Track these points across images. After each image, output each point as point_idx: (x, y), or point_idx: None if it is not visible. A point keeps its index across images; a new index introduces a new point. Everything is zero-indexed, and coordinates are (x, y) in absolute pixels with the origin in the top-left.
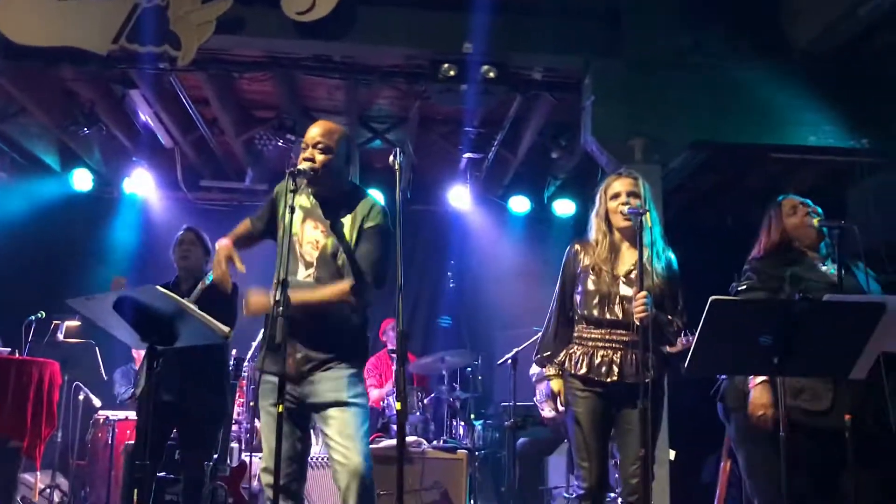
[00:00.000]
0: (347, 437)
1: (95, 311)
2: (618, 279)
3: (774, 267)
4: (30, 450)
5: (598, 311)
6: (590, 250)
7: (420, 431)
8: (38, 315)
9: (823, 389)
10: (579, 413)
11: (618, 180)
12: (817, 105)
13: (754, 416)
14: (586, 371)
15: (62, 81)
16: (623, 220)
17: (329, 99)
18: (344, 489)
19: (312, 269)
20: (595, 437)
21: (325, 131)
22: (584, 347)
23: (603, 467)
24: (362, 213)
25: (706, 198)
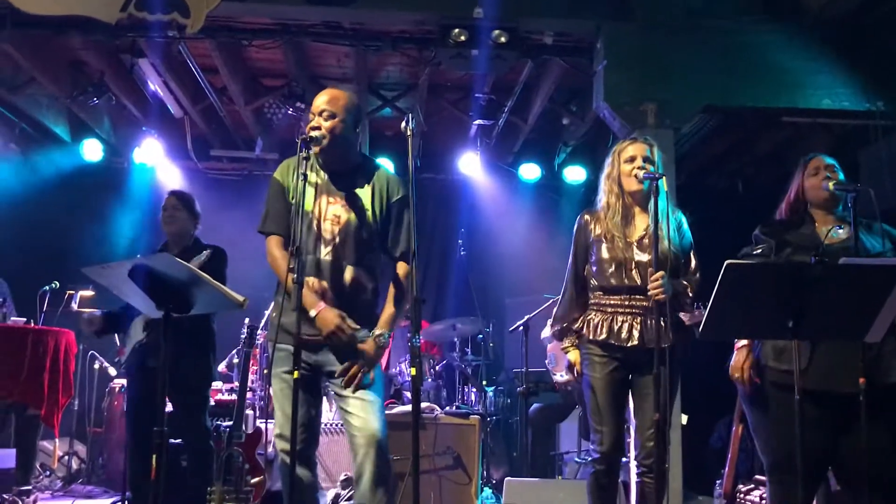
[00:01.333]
0: (366, 404)
1: (111, 280)
2: (632, 245)
3: (781, 232)
4: (47, 417)
5: (616, 279)
6: (600, 218)
7: (432, 398)
8: (53, 285)
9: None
10: (596, 378)
11: (633, 144)
12: (831, 67)
13: (732, 377)
14: (606, 336)
15: (71, 51)
16: (636, 184)
17: (338, 66)
18: (362, 455)
19: (332, 246)
20: (611, 402)
21: (330, 98)
22: (604, 314)
23: (618, 432)
24: (382, 185)
25: (718, 162)
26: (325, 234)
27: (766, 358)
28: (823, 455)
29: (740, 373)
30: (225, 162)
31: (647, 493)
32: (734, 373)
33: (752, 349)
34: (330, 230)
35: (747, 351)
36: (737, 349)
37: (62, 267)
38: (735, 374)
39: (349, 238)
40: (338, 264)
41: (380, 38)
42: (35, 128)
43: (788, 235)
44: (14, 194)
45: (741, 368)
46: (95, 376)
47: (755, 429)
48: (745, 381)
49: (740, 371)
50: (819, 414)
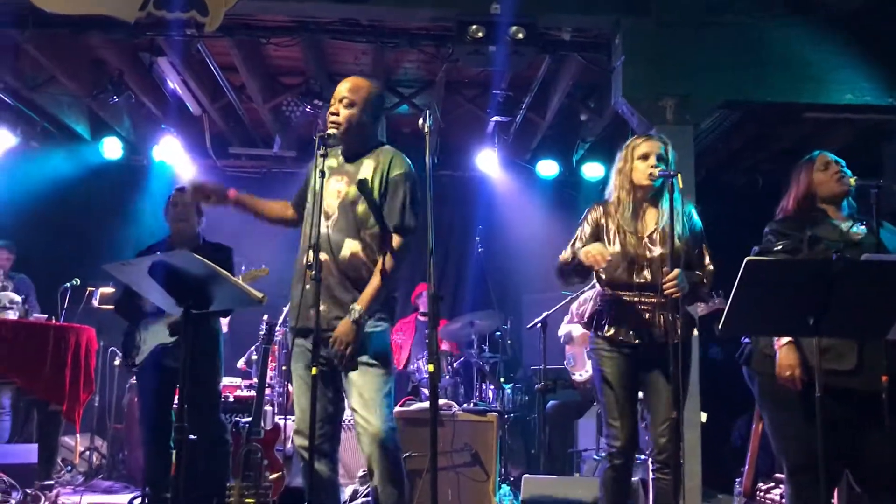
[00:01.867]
0: (366, 401)
1: (131, 276)
2: (643, 241)
3: (793, 228)
4: (69, 413)
5: (627, 275)
6: (611, 212)
7: (450, 394)
8: (74, 282)
9: (847, 349)
10: (608, 373)
11: (647, 141)
12: (854, 62)
13: (782, 378)
14: (614, 333)
15: (91, 50)
16: (648, 181)
17: (356, 63)
18: (368, 455)
19: (332, 219)
20: (624, 397)
21: (352, 86)
22: (615, 310)
23: (633, 427)
24: (384, 161)
25: (738, 158)
26: (327, 208)
27: (808, 356)
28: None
29: (791, 371)
30: (243, 159)
31: (662, 490)
32: (784, 372)
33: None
34: (329, 205)
35: (794, 348)
36: (779, 347)
37: (83, 264)
38: (786, 374)
39: (347, 211)
40: (337, 237)
41: (397, 35)
42: (56, 126)
43: (816, 231)
44: (35, 192)
45: (792, 367)
46: (116, 373)
47: (775, 430)
48: (797, 379)
49: (791, 370)
50: (852, 413)
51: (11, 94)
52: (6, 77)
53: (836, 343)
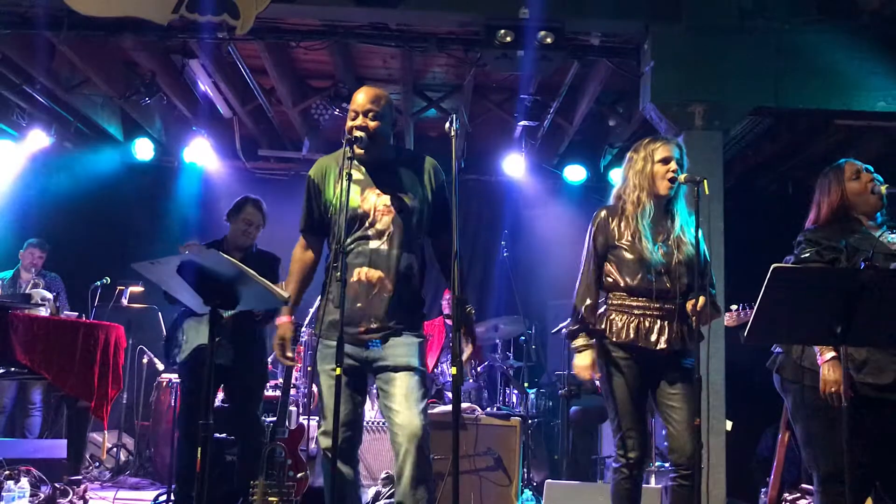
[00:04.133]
0: (411, 402)
1: (160, 275)
2: (659, 247)
3: (830, 238)
4: (97, 410)
5: (644, 281)
6: (620, 216)
7: (473, 399)
8: (104, 281)
9: (888, 362)
10: (621, 381)
11: (665, 145)
12: (887, 69)
13: (826, 394)
14: (633, 338)
15: (124, 52)
16: (666, 187)
17: (384, 67)
18: (402, 453)
19: (387, 236)
20: (636, 405)
21: (374, 97)
22: (629, 316)
23: (644, 434)
24: (428, 171)
25: (767, 165)
26: (379, 225)
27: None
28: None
29: (837, 387)
30: (272, 162)
31: (680, 498)
32: (829, 388)
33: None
34: (381, 220)
35: (838, 364)
36: (823, 362)
37: (113, 263)
38: (832, 389)
39: (402, 226)
40: (392, 252)
41: (426, 40)
42: (89, 127)
43: (852, 240)
44: (68, 192)
45: (838, 382)
46: (144, 371)
47: (808, 439)
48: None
49: (837, 385)
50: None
51: (46, 95)
52: (41, 78)
53: (875, 356)
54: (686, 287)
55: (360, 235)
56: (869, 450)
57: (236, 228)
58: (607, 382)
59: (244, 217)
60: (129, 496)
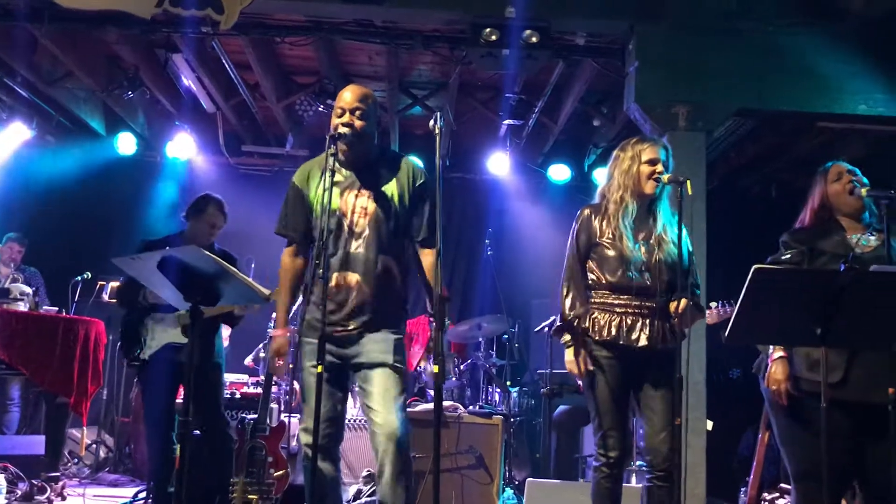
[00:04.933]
0: (388, 400)
1: (140, 271)
2: (640, 245)
3: (801, 240)
4: (76, 406)
5: (625, 279)
6: (604, 215)
7: (456, 397)
8: (84, 276)
9: (837, 361)
10: (603, 379)
11: (652, 146)
12: (868, 72)
13: (770, 391)
14: (615, 336)
15: (107, 45)
16: (652, 187)
17: (370, 64)
18: (381, 452)
19: (363, 239)
20: (618, 404)
21: (361, 96)
22: (611, 314)
23: (625, 433)
24: (405, 173)
25: (751, 166)
26: (356, 227)
27: (799, 369)
28: (850, 466)
29: (778, 385)
30: (256, 157)
31: (656, 498)
32: (772, 385)
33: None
34: (358, 223)
35: (784, 363)
36: (772, 360)
37: (94, 258)
38: (773, 387)
39: (378, 229)
40: (368, 255)
41: (411, 37)
42: (71, 121)
43: (821, 243)
44: (49, 186)
45: (779, 381)
46: (124, 366)
47: (781, 437)
48: (783, 393)
49: (778, 384)
50: (849, 424)
51: (28, 88)
52: (23, 71)
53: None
54: (667, 284)
55: (337, 237)
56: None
57: (198, 228)
58: (589, 381)
59: (207, 219)
60: (107, 493)
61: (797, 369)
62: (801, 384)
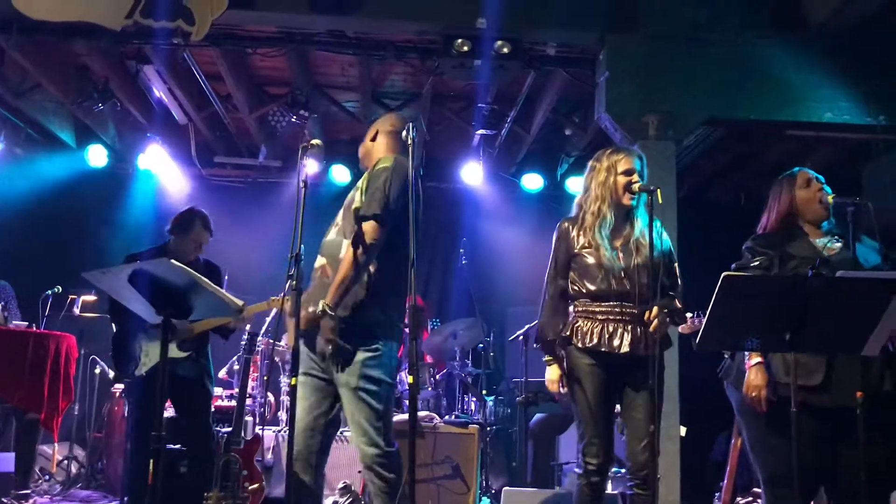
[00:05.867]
0: (355, 424)
1: (111, 285)
2: (618, 252)
3: (769, 245)
4: (47, 422)
5: (605, 285)
6: (582, 226)
7: (432, 406)
8: (55, 290)
9: (815, 365)
10: (587, 387)
11: (627, 157)
12: (834, 81)
13: (748, 397)
14: (597, 343)
15: (76, 57)
16: (629, 198)
17: (342, 75)
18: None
19: (337, 227)
20: (601, 411)
21: None
22: (593, 321)
23: (611, 443)
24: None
25: (721, 175)
26: (338, 218)
27: (777, 374)
28: (821, 470)
29: (758, 392)
30: (229, 169)
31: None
32: (751, 392)
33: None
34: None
35: (763, 369)
36: (749, 367)
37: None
38: (753, 394)
39: (348, 216)
40: (337, 240)
41: (383, 48)
42: (41, 133)
43: (789, 247)
44: (19, 199)
45: (759, 387)
46: (96, 381)
47: (752, 443)
48: (763, 399)
49: (758, 390)
50: (825, 429)
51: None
52: None
53: (806, 359)
54: (648, 289)
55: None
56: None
57: (183, 245)
58: (573, 389)
59: (193, 237)
60: None
61: (775, 374)
62: (778, 389)
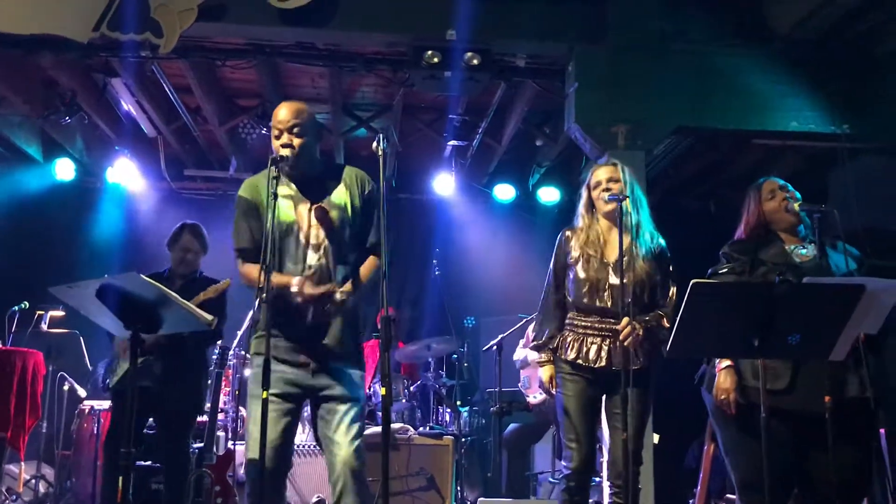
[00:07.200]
0: (349, 433)
1: (78, 299)
2: (607, 266)
3: (743, 251)
4: (13, 440)
5: (588, 299)
6: (580, 237)
7: (406, 418)
8: (22, 305)
9: (782, 369)
10: (568, 396)
11: (599, 169)
12: (799, 90)
13: (717, 400)
14: (575, 356)
15: (42, 70)
16: (606, 206)
17: (313, 87)
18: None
19: (322, 250)
20: (582, 420)
21: (296, 112)
22: (575, 334)
23: (590, 449)
24: (352, 181)
25: (690, 183)
26: (313, 239)
27: (745, 377)
28: (793, 474)
29: (727, 395)
30: (199, 182)
31: None
32: (720, 395)
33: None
34: (316, 235)
35: (732, 372)
36: (719, 370)
37: (33, 287)
38: (721, 397)
39: (335, 239)
40: (327, 267)
41: (353, 59)
42: (7, 147)
43: (761, 254)
44: None
45: (728, 390)
46: (65, 398)
47: (726, 446)
48: (732, 402)
49: (727, 393)
50: (793, 432)
51: None
52: None
53: (772, 364)
54: (630, 305)
55: (295, 250)
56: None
57: (175, 257)
58: (557, 398)
59: (181, 245)
60: None
61: (743, 378)
62: (747, 392)
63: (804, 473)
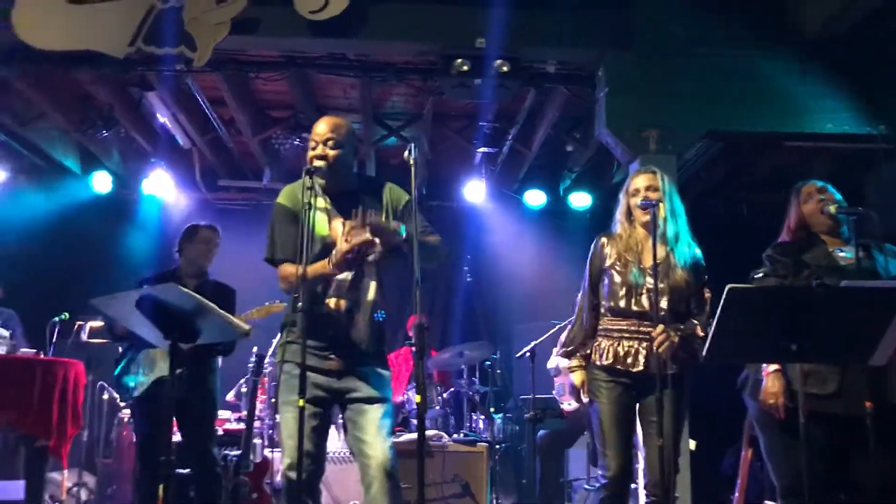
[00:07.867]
0: (380, 433)
1: (118, 310)
2: (644, 271)
3: (785, 254)
4: (56, 449)
5: (625, 303)
6: (616, 243)
7: (440, 425)
8: (62, 316)
9: (829, 373)
10: (604, 403)
11: (638, 176)
12: (833, 91)
13: (765, 405)
14: (612, 361)
15: (80, 85)
16: (643, 215)
17: (344, 97)
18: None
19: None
20: (619, 427)
21: (333, 126)
22: (610, 339)
23: (627, 457)
24: (388, 195)
25: (721, 187)
26: None
27: (794, 382)
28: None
29: (776, 399)
30: (233, 192)
31: None
32: (769, 399)
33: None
34: None
35: (780, 376)
36: (766, 374)
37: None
38: (770, 401)
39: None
40: (363, 282)
41: (384, 69)
42: (45, 160)
43: (805, 256)
44: (25, 226)
45: (777, 395)
46: (105, 407)
47: (769, 451)
48: (780, 407)
49: (776, 398)
50: (839, 437)
51: (1, 129)
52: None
53: (819, 368)
54: (666, 311)
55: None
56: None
57: (194, 252)
58: (592, 404)
59: (202, 238)
60: None
61: (791, 382)
62: (796, 397)
63: (847, 479)
